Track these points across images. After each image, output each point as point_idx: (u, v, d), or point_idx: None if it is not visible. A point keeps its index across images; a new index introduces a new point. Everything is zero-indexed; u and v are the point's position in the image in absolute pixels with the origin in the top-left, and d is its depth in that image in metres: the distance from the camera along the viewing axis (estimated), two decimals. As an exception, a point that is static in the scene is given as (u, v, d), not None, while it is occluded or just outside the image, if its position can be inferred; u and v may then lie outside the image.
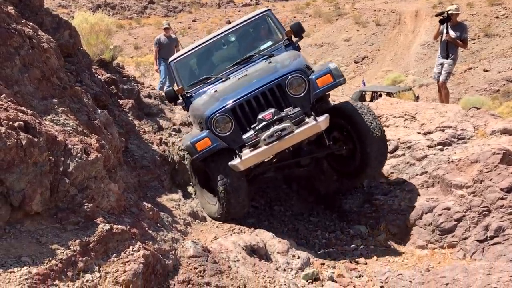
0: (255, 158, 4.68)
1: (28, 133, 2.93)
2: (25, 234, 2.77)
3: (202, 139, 4.81)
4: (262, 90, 4.83)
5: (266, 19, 6.14)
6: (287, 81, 4.81)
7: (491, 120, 5.98)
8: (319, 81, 4.84)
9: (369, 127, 4.97)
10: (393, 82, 20.85)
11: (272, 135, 4.57)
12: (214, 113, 4.84)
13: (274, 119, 4.65)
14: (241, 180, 4.96)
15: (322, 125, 4.62)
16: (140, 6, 49.05)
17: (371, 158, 5.10)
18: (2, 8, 3.57)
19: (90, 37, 6.44)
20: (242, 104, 4.83)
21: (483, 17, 28.34)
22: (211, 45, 6.08)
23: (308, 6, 43.07)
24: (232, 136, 4.84)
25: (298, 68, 4.90)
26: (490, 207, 4.75)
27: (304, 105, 4.81)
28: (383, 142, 5.10)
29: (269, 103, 4.82)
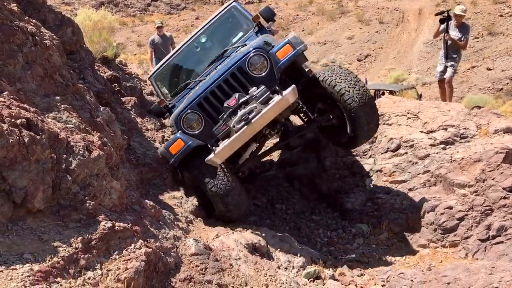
0: (229, 148, 4.52)
1: (30, 130, 2.92)
2: (27, 231, 2.77)
3: (174, 141, 4.74)
4: (224, 77, 4.71)
5: (233, 11, 5.99)
6: (247, 62, 4.69)
7: (494, 119, 5.96)
8: (279, 54, 4.67)
9: (350, 96, 4.79)
10: (396, 80, 20.80)
11: (240, 120, 4.44)
12: (181, 112, 4.76)
13: (239, 103, 4.52)
14: (228, 176, 4.86)
15: (289, 97, 4.44)
16: (143, 4, 49.02)
17: (361, 125, 4.97)
18: (5, 5, 3.56)
19: (93, 34, 6.44)
20: (207, 97, 4.73)
21: (487, 15, 28.22)
22: (185, 51, 5.98)
23: (311, 4, 42.91)
24: (204, 132, 4.75)
25: (255, 47, 4.77)
26: (493, 206, 4.74)
27: (270, 83, 4.63)
28: (369, 106, 4.91)
29: (235, 90, 4.69)
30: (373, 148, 6.26)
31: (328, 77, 4.92)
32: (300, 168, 6.90)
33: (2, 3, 3.53)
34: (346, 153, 6.42)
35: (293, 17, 38.20)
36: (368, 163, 6.23)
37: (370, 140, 6.31)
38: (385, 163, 6.02)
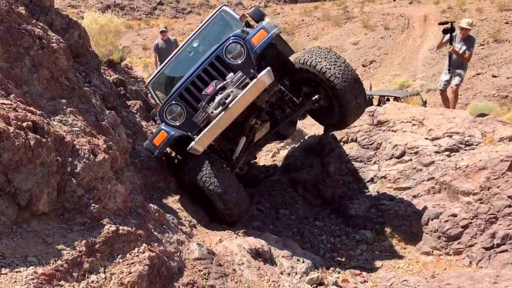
0: (209, 134, 4.55)
1: (36, 133, 2.93)
2: (32, 234, 2.78)
3: (158, 133, 4.80)
4: (203, 67, 4.78)
5: (223, 15, 6.11)
6: (224, 50, 4.75)
7: (500, 126, 5.93)
8: (254, 39, 4.73)
9: (333, 73, 4.81)
10: (400, 86, 20.76)
11: (217, 105, 4.48)
12: (164, 104, 4.84)
13: (217, 90, 4.57)
14: (230, 177, 4.90)
15: (265, 79, 4.47)
16: (149, 7, 49.30)
17: (347, 101, 5.00)
18: (13, 8, 3.59)
19: (99, 37, 6.48)
20: (188, 88, 4.79)
21: (493, 22, 28.17)
22: (179, 57, 6.08)
23: (317, 9, 43.00)
24: (186, 122, 4.79)
25: (232, 35, 4.85)
26: (497, 214, 4.72)
27: (248, 69, 4.67)
28: (353, 80, 4.92)
29: (213, 78, 4.74)
30: (377, 155, 6.25)
31: (308, 59, 4.97)
32: (304, 173, 6.89)
33: (10, 6, 3.55)
34: (350, 159, 6.41)
35: (298, 22, 38.28)
36: (372, 169, 6.21)
37: (375, 147, 6.31)
38: (390, 169, 6.00)
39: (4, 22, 3.38)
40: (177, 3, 51.72)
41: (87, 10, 41.51)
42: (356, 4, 42.92)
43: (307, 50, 5.19)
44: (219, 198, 4.83)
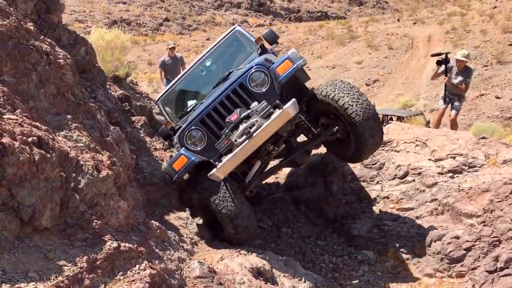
0: (231, 162, 4.54)
1: (41, 148, 2.95)
2: (33, 249, 2.78)
3: (177, 158, 4.79)
4: (226, 93, 4.79)
5: (237, 35, 6.17)
6: (248, 78, 4.77)
7: (503, 149, 5.94)
8: (279, 69, 4.76)
9: (354, 110, 4.81)
10: (404, 106, 20.79)
11: (242, 134, 4.48)
12: (185, 129, 4.83)
13: (241, 118, 4.58)
14: (242, 202, 4.89)
15: (290, 110, 4.47)
16: (155, 23, 49.93)
17: (365, 139, 5.00)
18: (22, 24, 3.64)
19: (105, 53, 6.55)
20: (209, 114, 4.80)
21: (496, 44, 28.32)
22: (191, 75, 6.11)
23: (321, 28, 43.36)
24: (207, 148, 4.79)
25: (256, 64, 4.87)
26: (501, 237, 4.70)
27: (271, 98, 4.70)
28: (373, 119, 4.93)
29: (237, 105, 4.76)
30: (380, 175, 6.25)
31: (331, 92, 4.97)
32: (307, 191, 6.88)
33: (19, 22, 3.61)
34: (353, 179, 6.41)
35: (303, 40, 38.56)
36: (375, 189, 6.21)
37: (378, 167, 6.32)
38: (393, 190, 6.00)
39: (13, 38, 3.42)
40: (183, 19, 52.38)
41: (93, 25, 42.09)
42: (360, 24, 43.29)
43: (329, 82, 5.19)
44: (230, 222, 4.82)
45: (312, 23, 49.87)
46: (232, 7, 57.91)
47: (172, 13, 52.87)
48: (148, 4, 53.71)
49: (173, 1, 56.23)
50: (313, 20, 55.39)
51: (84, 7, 49.74)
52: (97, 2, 52.30)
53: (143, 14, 51.21)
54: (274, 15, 57.95)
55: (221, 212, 4.76)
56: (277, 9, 59.08)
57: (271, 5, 59.11)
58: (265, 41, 5.65)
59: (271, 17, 56.85)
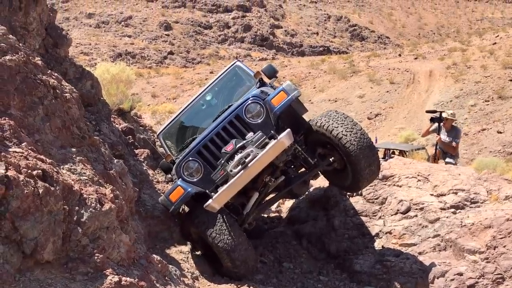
0: (227, 192, 4.59)
1: (45, 181, 2.99)
2: (35, 283, 2.78)
3: (174, 189, 4.85)
4: (222, 125, 4.90)
5: (236, 70, 6.29)
6: (244, 110, 4.88)
7: (505, 184, 5.96)
8: (274, 101, 4.88)
9: (348, 140, 4.88)
10: (406, 139, 20.87)
11: (237, 164, 4.54)
12: (182, 160, 4.91)
13: (236, 149, 4.65)
14: (239, 234, 4.90)
15: (285, 140, 4.55)
16: (159, 56, 50.90)
17: (362, 168, 5.05)
18: (30, 59, 3.75)
19: (110, 87, 6.68)
20: (206, 145, 4.88)
21: (497, 79, 28.67)
22: (191, 109, 6.23)
23: (323, 63, 44.02)
24: (203, 179, 4.85)
25: (252, 95, 4.99)
26: (504, 274, 4.67)
27: (267, 129, 4.81)
28: (368, 148, 4.98)
29: (233, 136, 4.84)
30: (382, 209, 6.24)
31: (325, 123, 5.06)
32: (308, 225, 6.86)
33: (28, 57, 3.71)
34: (355, 213, 6.40)
35: (305, 74, 39.10)
36: (377, 224, 6.19)
37: (380, 201, 6.32)
38: (395, 225, 5.98)
39: (21, 72, 3.52)
40: (187, 53, 53.39)
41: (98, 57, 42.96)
42: (362, 59, 43.97)
43: (324, 113, 5.31)
44: (227, 256, 4.82)
45: (314, 58, 50.73)
46: (236, 41, 59.08)
47: (176, 47, 53.96)
48: (153, 37, 54.91)
49: (178, 34, 57.45)
50: (315, 55, 56.38)
51: (89, 40, 50.89)
52: (103, 35, 53.55)
53: (148, 47, 52.27)
54: (277, 49, 59.03)
55: (217, 245, 4.77)
56: (280, 43, 60.25)
57: (274, 39, 60.30)
58: (264, 75, 5.78)
59: (274, 51, 57.90)
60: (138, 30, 56.24)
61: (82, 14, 59.21)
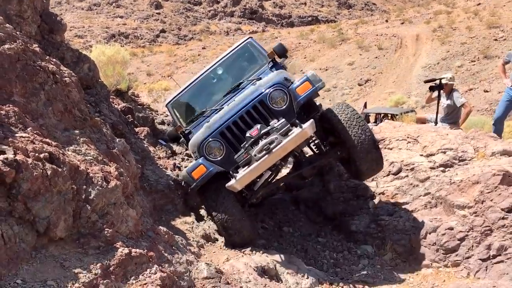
0: (249, 175, 4.76)
1: (52, 163, 3.10)
2: (50, 258, 2.92)
3: (197, 166, 4.96)
4: (246, 109, 4.99)
5: (249, 47, 6.37)
6: (268, 96, 4.98)
7: (491, 142, 6.10)
8: (299, 90, 5.01)
9: (354, 136, 5.06)
10: (396, 103, 21.02)
11: (261, 149, 4.68)
12: (204, 139, 5.01)
13: (261, 134, 4.77)
14: (242, 221, 5.08)
15: (308, 130, 4.71)
16: (152, 35, 50.37)
17: (363, 165, 5.25)
18: (28, 46, 3.82)
19: (107, 68, 6.73)
20: (229, 127, 4.99)
21: (482, 39, 28.70)
22: (202, 81, 6.28)
23: (313, 32, 43.74)
24: (225, 159, 4.97)
25: (276, 82, 5.08)
26: (492, 226, 4.83)
27: (290, 116, 4.93)
28: (371, 147, 5.17)
29: (256, 121, 4.97)
30: (375, 172, 6.38)
31: (333, 117, 5.24)
32: (305, 191, 7.04)
33: (26, 44, 3.78)
34: (349, 177, 6.58)
35: (295, 45, 38.88)
36: (371, 186, 6.38)
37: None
38: (387, 186, 6.16)
39: (20, 60, 3.59)
40: (178, 30, 52.77)
41: (92, 40, 42.41)
42: (350, 26, 43.68)
43: (336, 106, 5.47)
44: (221, 226, 5.06)
45: (303, 28, 50.30)
46: (226, 16, 58.33)
47: (168, 25, 53.27)
48: (144, 17, 54.16)
49: (168, 12, 56.62)
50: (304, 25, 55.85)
51: (83, 22, 50.13)
52: (95, 17, 52.70)
53: (140, 26, 51.62)
54: (266, 21, 58.36)
55: (212, 215, 5.03)
56: (269, 15, 59.48)
57: (263, 12, 59.50)
58: (275, 53, 5.92)
59: (263, 24, 57.28)
60: (129, 11, 55.41)
61: (73, -2, 58.04)
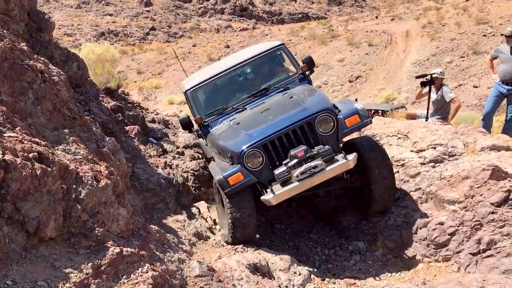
0: (287, 193, 4.82)
1: (42, 163, 3.09)
2: (40, 259, 2.91)
3: (234, 173, 4.92)
4: (292, 127, 5.00)
5: (280, 53, 6.46)
6: (317, 120, 5.01)
7: (480, 137, 6.15)
8: (348, 121, 5.07)
9: (377, 168, 5.16)
10: (386, 99, 21.17)
11: (304, 171, 4.72)
12: (246, 148, 4.98)
13: (306, 157, 4.80)
14: (251, 217, 5.10)
15: (351, 163, 4.80)
16: (142, 33, 50.19)
17: (376, 196, 5.30)
18: (16, 45, 3.79)
19: (96, 67, 6.69)
20: (273, 141, 5.01)
21: (471, 35, 28.94)
22: (227, 75, 6.30)
23: (303, 29, 43.81)
24: (262, 171, 5.00)
25: (327, 108, 5.11)
26: (482, 221, 4.85)
27: (332, 143, 5.01)
28: (389, 181, 5.27)
29: (299, 140, 5.01)
30: (366, 168, 6.41)
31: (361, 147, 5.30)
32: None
33: (13, 43, 3.76)
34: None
35: (286, 42, 38.83)
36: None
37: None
38: (378, 181, 6.15)
39: (8, 59, 3.57)
40: (168, 28, 52.61)
41: (82, 38, 42.17)
42: (340, 23, 43.78)
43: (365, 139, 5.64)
44: (232, 230, 5.05)
45: (294, 25, 50.40)
46: (216, 13, 58.27)
47: (158, 22, 53.11)
48: (134, 14, 53.94)
49: (158, 10, 56.45)
50: (295, 22, 55.98)
51: (72, 20, 49.83)
52: (84, 15, 52.40)
53: (130, 24, 51.42)
54: (257, 18, 58.39)
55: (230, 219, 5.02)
56: (259, 12, 59.49)
57: (254, 9, 59.50)
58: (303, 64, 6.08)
59: (254, 21, 57.30)
60: (119, 8, 55.13)
61: (62, -4, 57.60)
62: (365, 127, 5.29)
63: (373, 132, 7.03)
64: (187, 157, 7.00)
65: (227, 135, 5.44)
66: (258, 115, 5.43)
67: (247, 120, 5.46)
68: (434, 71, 8.26)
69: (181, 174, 6.52)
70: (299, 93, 5.65)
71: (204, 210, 6.25)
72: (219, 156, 5.54)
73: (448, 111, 8.21)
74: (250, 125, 5.29)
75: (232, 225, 5.02)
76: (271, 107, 5.46)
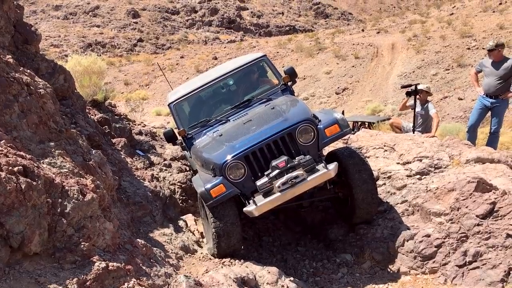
0: (270, 204, 4.81)
1: (27, 177, 3.05)
2: (24, 274, 2.86)
3: (217, 185, 4.92)
4: (274, 138, 5.01)
5: (262, 64, 6.50)
6: (297, 130, 5.03)
7: (465, 149, 6.23)
8: (328, 131, 5.09)
9: (357, 172, 5.20)
10: (372, 111, 21.39)
11: (286, 182, 4.72)
12: (227, 160, 4.98)
13: (287, 167, 4.81)
14: (235, 226, 5.08)
15: (332, 172, 4.82)
16: (129, 44, 50.17)
17: (359, 201, 5.32)
18: (1, 57, 3.76)
19: (83, 79, 6.66)
20: (255, 152, 5.01)
21: (456, 48, 29.48)
22: (210, 87, 6.32)
23: (290, 42, 44.22)
24: (244, 182, 4.99)
25: (307, 118, 5.14)
26: (468, 233, 4.90)
27: (313, 153, 5.04)
28: (370, 185, 5.29)
29: (280, 151, 5.02)
30: (353, 181, 6.43)
31: (340, 155, 5.38)
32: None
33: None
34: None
35: (273, 54, 39.22)
36: (349, 195, 6.40)
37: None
38: (365, 194, 6.18)
39: (-7, 72, 3.55)
40: (156, 39, 52.68)
41: (69, 49, 42.00)
42: (327, 36, 44.29)
43: (347, 149, 5.65)
44: (216, 240, 5.03)
45: (281, 37, 50.86)
46: (204, 25, 58.59)
47: (145, 34, 53.17)
48: (121, 26, 53.96)
49: (146, 22, 56.56)
50: (282, 34, 56.53)
51: (58, 32, 49.66)
52: (71, 26, 52.28)
53: (117, 36, 51.39)
54: (244, 31, 58.82)
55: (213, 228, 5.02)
56: (247, 25, 59.96)
57: (241, 21, 59.96)
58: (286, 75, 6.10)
59: (241, 33, 57.73)
60: (106, 20, 55.12)
61: (49, 7, 57.49)
62: (344, 136, 5.29)
63: (359, 144, 7.08)
64: (174, 169, 6.98)
65: (210, 147, 5.44)
66: (241, 127, 5.44)
67: (230, 132, 5.48)
68: (421, 84, 8.37)
69: (168, 186, 6.49)
70: (281, 103, 5.69)
71: (191, 223, 6.21)
72: (202, 168, 5.53)
73: (430, 126, 8.32)
74: (233, 136, 5.30)
75: (216, 234, 5.00)
76: (253, 118, 5.49)
